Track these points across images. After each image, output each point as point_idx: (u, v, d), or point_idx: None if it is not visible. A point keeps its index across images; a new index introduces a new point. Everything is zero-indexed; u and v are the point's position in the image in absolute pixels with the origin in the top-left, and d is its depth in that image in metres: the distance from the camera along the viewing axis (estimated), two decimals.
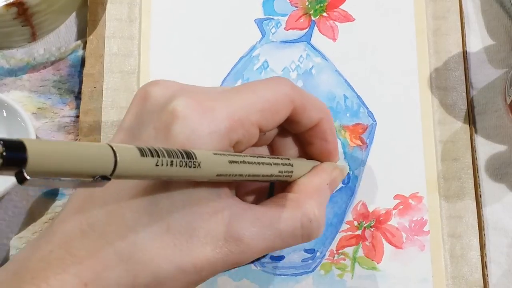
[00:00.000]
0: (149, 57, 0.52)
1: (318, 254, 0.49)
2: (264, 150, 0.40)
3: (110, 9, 0.53)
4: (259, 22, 0.53)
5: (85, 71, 0.52)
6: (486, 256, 0.48)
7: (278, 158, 0.37)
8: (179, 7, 0.53)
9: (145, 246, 0.31)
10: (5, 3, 0.47)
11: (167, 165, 0.28)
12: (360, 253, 0.49)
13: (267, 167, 0.35)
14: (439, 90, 0.51)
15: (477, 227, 0.49)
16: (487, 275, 0.48)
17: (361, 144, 0.51)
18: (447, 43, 0.52)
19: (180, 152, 0.29)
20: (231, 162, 0.32)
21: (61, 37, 0.54)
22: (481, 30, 0.53)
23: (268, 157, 0.36)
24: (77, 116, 0.52)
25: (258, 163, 0.34)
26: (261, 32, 0.53)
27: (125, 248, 0.31)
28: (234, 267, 0.34)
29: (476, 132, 0.51)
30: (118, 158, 0.25)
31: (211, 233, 0.32)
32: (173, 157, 0.28)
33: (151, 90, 0.34)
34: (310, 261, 0.49)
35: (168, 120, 0.31)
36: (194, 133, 0.31)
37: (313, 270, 0.49)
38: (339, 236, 0.49)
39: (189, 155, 0.29)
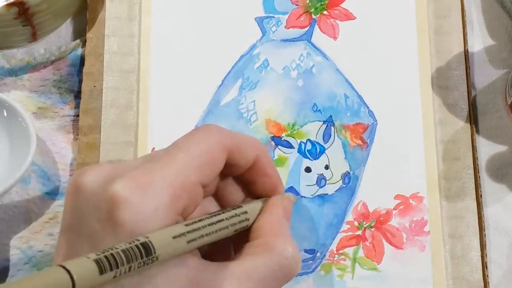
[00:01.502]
0: (149, 56, 0.52)
1: (318, 254, 0.49)
2: (210, 201, 0.39)
3: (110, 7, 0.53)
4: (260, 21, 0.53)
5: (85, 69, 0.52)
6: (486, 256, 0.48)
7: (231, 210, 0.36)
8: (180, 5, 0.53)
9: None
10: (5, 3, 0.46)
11: (125, 272, 0.27)
12: (361, 253, 0.49)
13: (224, 224, 0.34)
14: (440, 89, 0.51)
15: (478, 228, 0.49)
16: (487, 276, 0.48)
17: (361, 143, 0.50)
18: (448, 42, 0.52)
19: (139, 250, 0.28)
20: (189, 242, 0.31)
21: (61, 36, 0.54)
22: (482, 31, 0.53)
23: (222, 213, 0.35)
24: (77, 115, 0.52)
25: (215, 222, 0.33)
26: (262, 31, 0.53)
27: None
28: None
29: (477, 132, 0.51)
30: (75, 282, 0.25)
31: None
32: (132, 261, 0.28)
33: (82, 180, 0.32)
34: (310, 261, 0.49)
35: (109, 209, 0.30)
36: (140, 215, 0.30)
37: (313, 271, 0.49)
38: (339, 236, 0.49)
39: (147, 251, 0.28)
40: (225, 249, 0.38)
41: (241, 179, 0.39)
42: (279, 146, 0.50)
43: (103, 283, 0.27)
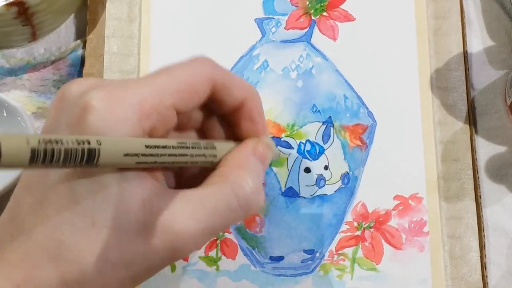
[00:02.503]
0: (149, 57, 0.52)
1: (317, 254, 0.49)
2: (192, 134, 0.39)
3: (110, 8, 0.53)
4: (259, 22, 0.53)
5: (84, 70, 0.52)
6: (485, 257, 0.48)
7: (199, 141, 0.35)
8: (179, 6, 0.53)
9: (71, 243, 0.31)
10: (5, 2, 0.46)
11: (56, 167, 0.27)
12: (360, 254, 0.49)
13: (186, 151, 0.34)
14: (439, 90, 0.51)
15: (477, 228, 0.49)
16: (486, 276, 0.48)
17: (361, 144, 0.50)
18: (447, 43, 0.52)
19: (82, 154, 0.28)
20: (138, 163, 0.31)
21: (61, 36, 0.54)
22: (481, 31, 0.53)
23: (188, 142, 0.34)
24: None
25: (177, 147, 0.33)
26: (261, 32, 0.53)
27: (52, 246, 0.31)
28: (176, 259, 0.32)
29: (476, 133, 0.51)
30: (1, 149, 0.25)
31: (138, 224, 0.31)
32: (68, 163, 0.27)
33: (66, 89, 0.33)
34: (309, 261, 0.49)
35: (79, 114, 0.31)
36: (105, 123, 0.30)
37: (312, 271, 0.49)
38: (338, 236, 0.49)
39: (90, 158, 0.28)
40: (196, 180, 0.38)
41: (226, 119, 0.39)
42: (279, 147, 0.50)
43: (29, 169, 0.26)
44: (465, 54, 0.52)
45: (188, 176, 0.39)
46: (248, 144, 0.37)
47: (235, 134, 0.39)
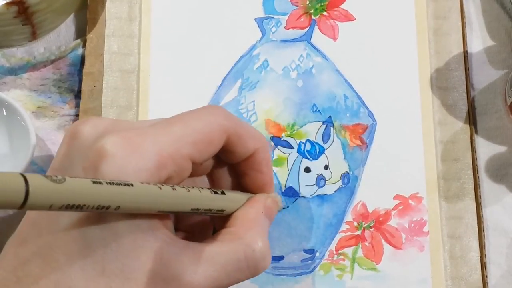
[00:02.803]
0: (149, 56, 0.52)
1: (317, 254, 0.49)
2: (203, 180, 0.39)
3: (110, 8, 0.53)
4: (260, 21, 0.53)
5: (85, 69, 0.52)
6: (485, 257, 0.48)
7: (211, 190, 0.35)
8: (180, 6, 0.53)
9: None
10: (5, 1, 0.46)
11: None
12: (360, 253, 0.49)
13: (197, 199, 0.34)
14: (439, 90, 0.51)
15: (477, 228, 0.49)
16: (486, 276, 0.48)
17: (361, 144, 0.50)
18: (448, 43, 0.52)
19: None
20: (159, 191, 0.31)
21: (61, 36, 0.54)
22: (481, 31, 0.53)
23: (199, 189, 0.34)
24: (77, 115, 0.52)
25: (187, 196, 0.33)
26: (262, 31, 0.53)
27: None
28: None
29: (476, 132, 0.51)
30: (30, 188, 0.24)
31: (149, 274, 0.31)
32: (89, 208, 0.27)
33: (80, 128, 0.33)
34: (309, 261, 0.49)
35: (96, 159, 0.30)
36: (122, 171, 0.30)
37: (312, 271, 0.49)
38: (338, 236, 0.49)
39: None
40: (206, 232, 0.39)
41: (235, 168, 0.39)
42: (279, 146, 0.50)
43: (55, 209, 0.26)
44: (465, 54, 0.52)
45: (189, 223, 0.39)
46: (259, 201, 0.38)
47: (242, 183, 0.39)
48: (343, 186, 0.50)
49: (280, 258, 0.49)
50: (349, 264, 0.49)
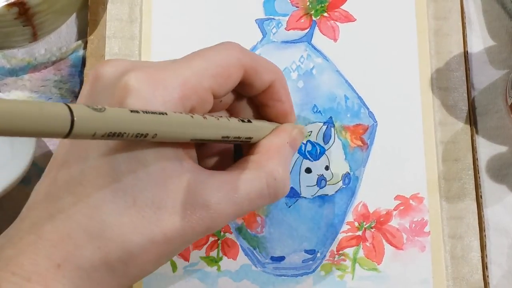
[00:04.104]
0: (150, 58, 0.52)
1: (318, 255, 0.49)
2: (223, 114, 0.40)
3: (111, 9, 0.53)
4: (260, 22, 0.53)
5: (85, 71, 0.52)
6: (486, 257, 0.48)
7: (238, 119, 0.37)
8: (180, 7, 0.53)
9: (114, 222, 0.31)
10: (6, 3, 0.46)
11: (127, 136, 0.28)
12: (361, 254, 0.49)
13: (227, 127, 0.35)
14: (440, 90, 0.51)
15: (478, 228, 0.49)
16: (487, 276, 0.48)
17: (361, 144, 0.50)
18: (448, 43, 0.52)
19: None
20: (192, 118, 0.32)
21: (62, 37, 0.54)
22: (482, 31, 0.53)
23: (227, 118, 0.36)
24: None
25: (218, 124, 0.34)
26: (262, 32, 0.53)
27: (94, 226, 0.31)
28: (205, 235, 0.34)
29: (477, 133, 0.51)
30: (75, 117, 0.25)
31: (178, 202, 0.32)
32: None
33: (102, 69, 0.34)
34: (310, 262, 0.49)
35: (121, 95, 0.31)
36: (148, 104, 0.31)
37: (313, 271, 0.49)
38: (339, 237, 0.49)
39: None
40: (226, 161, 0.40)
41: (255, 101, 0.40)
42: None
43: (98, 137, 0.27)
44: (466, 54, 0.52)
45: (210, 153, 0.40)
46: (285, 131, 0.39)
47: (263, 114, 0.40)
48: (344, 186, 0.50)
49: (281, 258, 0.49)
50: (350, 265, 0.49)
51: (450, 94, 0.51)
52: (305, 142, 0.50)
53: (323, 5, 0.53)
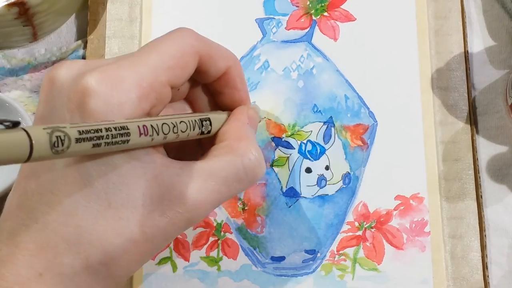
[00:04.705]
0: None
1: (318, 255, 0.49)
2: (181, 104, 0.40)
3: (111, 9, 0.53)
4: (260, 22, 0.53)
5: None
6: (487, 257, 0.48)
7: (195, 114, 0.36)
8: (180, 7, 0.53)
9: (90, 226, 0.31)
10: (6, 3, 0.46)
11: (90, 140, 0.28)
12: (361, 254, 0.49)
13: (186, 125, 0.35)
14: (440, 90, 0.51)
15: (478, 228, 0.49)
16: (488, 276, 0.48)
17: (362, 144, 0.50)
18: (448, 43, 0.52)
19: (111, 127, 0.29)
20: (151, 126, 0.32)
21: (62, 37, 0.54)
22: (482, 31, 0.53)
23: (185, 116, 0.35)
24: None
25: (178, 122, 0.34)
26: (262, 32, 0.53)
27: (70, 233, 0.31)
28: (188, 227, 0.34)
29: (477, 132, 0.51)
30: (33, 143, 0.25)
31: (154, 199, 0.32)
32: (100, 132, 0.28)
33: (56, 73, 0.33)
34: (310, 262, 0.49)
35: (79, 99, 0.31)
36: (107, 106, 0.31)
37: (313, 271, 0.49)
38: (339, 236, 0.49)
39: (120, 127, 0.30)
40: (192, 154, 0.39)
41: (210, 88, 0.40)
42: (280, 147, 0.50)
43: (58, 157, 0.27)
44: (466, 54, 0.52)
45: (180, 148, 0.40)
46: (242, 113, 0.39)
47: (219, 101, 0.40)
48: (344, 186, 0.50)
49: (282, 258, 0.49)
50: (351, 265, 0.49)
51: (450, 94, 0.51)
52: (305, 142, 0.50)
53: (323, 4, 0.53)
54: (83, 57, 0.53)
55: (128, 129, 0.30)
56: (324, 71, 0.52)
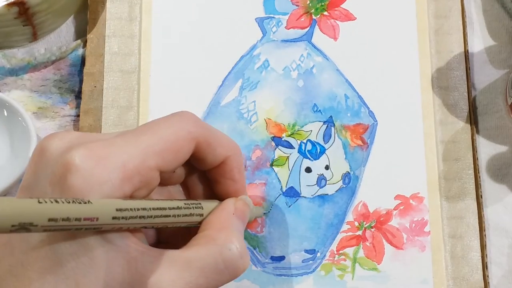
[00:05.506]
0: (150, 56, 0.52)
1: (318, 254, 0.49)
2: (177, 188, 0.39)
3: (110, 8, 0.53)
4: (260, 21, 0.53)
5: (85, 70, 0.52)
6: (487, 257, 0.48)
7: (186, 202, 0.35)
8: (180, 6, 0.53)
9: None
10: (6, 2, 0.46)
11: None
12: (361, 253, 0.49)
13: (169, 214, 0.33)
14: (440, 90, 0.51)
15: (478, 228, 0.49)
16: (487, 276, 0.48)
17: (362, 144, 0.50)
18: (449, 42, 0.52)
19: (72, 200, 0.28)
20: (118, 209, 0.30)
21: (61, 36, 0.54)
22: (482, 31, 0.53)
23: (172, 203, 0.34)
24: (78, 115, 0.52)
25: (159, 208, 0.33)
26: (262, 31, 0.53)
27: None
28: None
29: (477, 132, 0.51)
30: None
31: (124, 285, 0.31)
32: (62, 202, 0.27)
33: (47, 144, 0.32)
34: (310, 261, 0.49)
35: (62, 173, 0.30)
36: (87, 183, 0.30)
37: (313, 271, 0.49)
38: (339, 236, 0.49)
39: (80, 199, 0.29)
40: (184, 239, 0.37)
41: (208, 175, 0.38)
42: (280, 147, 0.50)
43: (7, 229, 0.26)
44: (466, 54, 0.51)
45: (169, 233, 0.38)
46: (229, 204, 0.37)
47: (215, 190, 0.39)
48: (344, 186, 0.50)
49: (281, 258, 0.49)
50: (350, 264, 0.49)
51: (450, 93, 0.51)
52: (305, 142, 0.50)
53: (323, 3, 0.53)
54: (83, 56, 0.53)
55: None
56: (324, 71, 0.52)
